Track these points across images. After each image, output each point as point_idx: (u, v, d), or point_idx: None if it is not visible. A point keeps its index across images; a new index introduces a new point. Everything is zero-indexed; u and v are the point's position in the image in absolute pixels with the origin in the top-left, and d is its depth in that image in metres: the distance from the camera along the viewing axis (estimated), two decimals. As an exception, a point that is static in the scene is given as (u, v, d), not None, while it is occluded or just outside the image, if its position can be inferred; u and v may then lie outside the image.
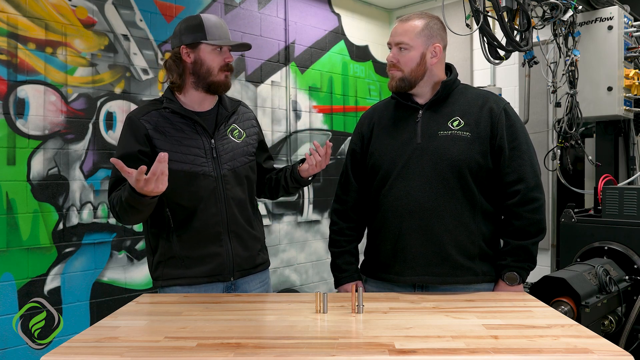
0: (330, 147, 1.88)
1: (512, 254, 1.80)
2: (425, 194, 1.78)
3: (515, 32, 2.59)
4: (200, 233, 1.84)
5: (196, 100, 1.91)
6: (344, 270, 1.96)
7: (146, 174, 1.54)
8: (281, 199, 2.13)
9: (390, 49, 1.87)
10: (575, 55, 3.02)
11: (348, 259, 1.97)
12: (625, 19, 3.15)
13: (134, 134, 1.81)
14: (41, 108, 2.93)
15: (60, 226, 3.00)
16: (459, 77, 1.95)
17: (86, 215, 3.11)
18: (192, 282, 1.84)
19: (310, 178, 1.96)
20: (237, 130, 1.96)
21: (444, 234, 1.78)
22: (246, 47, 1.95)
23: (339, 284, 1.97)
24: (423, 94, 1.87)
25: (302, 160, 1.94)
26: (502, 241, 1.88)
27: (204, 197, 1.83)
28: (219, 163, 1.87)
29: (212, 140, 1.88)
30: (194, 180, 1.81)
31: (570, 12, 2.87)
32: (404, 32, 1.82)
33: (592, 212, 2.96)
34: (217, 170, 1.86)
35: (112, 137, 3.22)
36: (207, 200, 1.84)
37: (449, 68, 1.93)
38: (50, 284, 2.96)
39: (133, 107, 3.29)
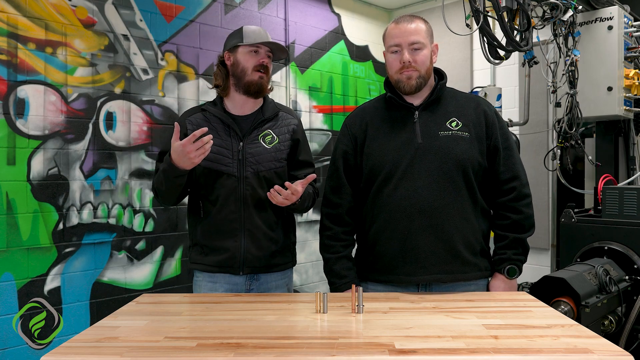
0: (308, 182, 1.90)
1: (512, 247, 1.86)
2: (434, 193, 1.80)
3: (515, 32, 2.59)
4: (219, 226, 2.00)
5: (238, 104, 2.06)
6: (344, 276, 1.91)
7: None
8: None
9: (395, 51, 1.86)
10: (575, 55, 3.01)
11: (346, 264, 1.94)
12: (625, 19, 3.15)
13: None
14: (41, 108, 2.93)
15: (60, 226, 3.00)
16: (457, 77, 1.97)
17: (86, 215, 3.11)
18: (206, 269, 2.02)
19: (296, 203, 1.95)
20: (270, 136, 2.06)
21: (453, 231, 1.80)
22: (283, 51, 2.09)
23: (337, 290, 1.91)
24: (420, 94, 1.90)
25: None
26: (494, 236, 1.93)
27: (225, 194, 1.98)
28: (243, 165, 1.98)
29: (241, 144, 2.00)
30: (218, 178, 1.98)
31: (570, 12, 2.87)
32: (416, 31, 1.84)
33: (592, 212, 2.95)
34: (241, 172, 1.98)
35: (112, 137, 3.22)
36: (228, 198, 1.99)
37: (437, 71, 1.97)
38: (50, 284, 2.96)
39: (133, 107, 3.30)
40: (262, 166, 2.01)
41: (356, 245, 2.01)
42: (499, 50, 2.60)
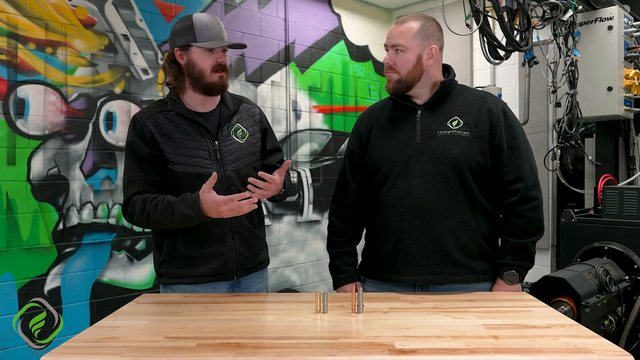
0: (285, 168, 1.82)
1: (512, 252, 1.81)
2: (427, 193, 1.79)
3: (515, 32, 2.59)
4: (204, 233, 1.85)
5: (197, 102, 1.92)
6: (343, 272, 1.95)
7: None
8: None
9: (387, 51, 1.87)
10: (575, 55, 3.01)
11: (347, 259, 1.97)
12: (625, 19, 3.15)
13: (140, 137, 1.84)
14: (41, 108, 2.93)
15: (60, 226, 3.00)
16: (457, 77, 1.95)
17: (86, 215, 3.11)
18: (196, 281, 1.87)
19: (281, 193, 1.90)
20: (241, 130, 1.96)
21: (445, 232, 1.78)
22: (240, 46, 1.94)
23: (337, 285, 1.97)
24: (421, 94, 1.88)
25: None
26: (499, 240, 1.89)
27: None
28: (222, 165, 1.88)
29: (216, 142, 1.89)
30: (198, 181, 1.78)
31: (570, 12, 2.87)
32: (399, 34, 1.82)
33: (592, 212, 2.96)
34: (222, 172, 1.87)
35: (112, 137, 3.22)
36: None
37: (447, 69, 1.94)
38: (50, 284, 2.96)
39: (133, 107, 3.30)
40: (242, 162, 1.91)
41: (364, 242, 2.02)
42: (499, 50, 2.59)
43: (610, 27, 3.06)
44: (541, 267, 4.02)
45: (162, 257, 1.90)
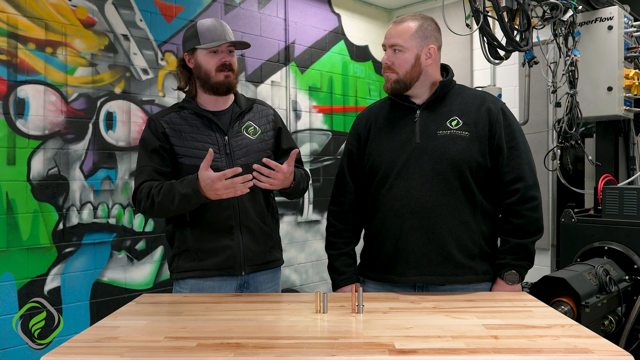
0: (294, 157, 1.81)
1: (512, 252, 1.81)
2: (426, 194, 1.78)
3: (515, 32, 2.59)
4: (212, 226, 1.90)
5: (210, 102, 1.99)
6: (342, 273, 1.94)
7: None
8: (280, 198, 2.12)
9: (384, 50, 1.88)
10: (575, 55, 3.01)
11: (346, 260, 1.95)
12: (625, 19, 3.15)
13: (153, 132, 1.94)
14: (41, 108, 2.93)
15: (60, 226, 3.00)
16: (457, 77, 1.95)
17: (86, 215, 3.11)
18: (204, 275, 1.91)
19: (291, 186, 1.89)
20: (252, 127, 2.01)
21: (445, 233, 1.78)
22: (244, 45, 1.99)
23: (337, 286, 1.95)
24: (420, 94, 1.88)
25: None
26: (499, 240, 1.89)
27: None
28: (232, 159, 1.92)
29: (226, 137, 1.94)
30: None
31: (570, 12, 2.87)
32: (397, 34, 1.83)
33: (592, 212, 2.96)
34: (230, 166, 1.89)
35: (112, 137, 3.22)
36: None
37: (445, 68, 1.93)
38: (50, 284, 2.96)
39: (133, 107, 3.30)
40: (252, 157, 1.93)
41: (363, 243, 2.01)
42: (499, 50, 2.60)
43: (610, 27, 3.06)
44: (541, 267, 4.02)
45: (173, 252, 1.96)
